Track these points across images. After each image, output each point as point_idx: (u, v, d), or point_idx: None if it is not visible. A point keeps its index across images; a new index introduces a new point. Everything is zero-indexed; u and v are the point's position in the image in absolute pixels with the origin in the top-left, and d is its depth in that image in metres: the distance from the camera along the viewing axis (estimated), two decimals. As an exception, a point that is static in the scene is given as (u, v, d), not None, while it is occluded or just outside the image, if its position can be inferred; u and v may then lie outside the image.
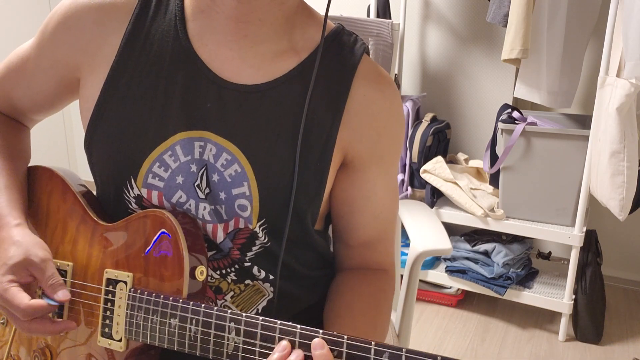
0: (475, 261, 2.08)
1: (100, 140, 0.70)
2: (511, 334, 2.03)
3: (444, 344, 1.96)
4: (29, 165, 0.81)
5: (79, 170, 3.06)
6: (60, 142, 3.01)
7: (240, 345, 0.58)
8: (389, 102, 0.74)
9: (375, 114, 0.72)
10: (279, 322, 0.57)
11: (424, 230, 1.08)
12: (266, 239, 0.71)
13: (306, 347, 0.55)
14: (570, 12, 1.87)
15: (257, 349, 0.58)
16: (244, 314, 0.59)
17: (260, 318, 0.58)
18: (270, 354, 0.56)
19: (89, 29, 0.70)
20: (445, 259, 2.18)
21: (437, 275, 2.15)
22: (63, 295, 0.65)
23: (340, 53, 0.72)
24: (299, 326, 0.56)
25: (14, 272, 0.64)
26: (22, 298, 0.62)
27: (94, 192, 0.78)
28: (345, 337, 0.54)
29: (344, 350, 0.53)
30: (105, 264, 0.68)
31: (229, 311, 0.59)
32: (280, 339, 0.56)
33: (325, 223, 0.82)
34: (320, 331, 0.55)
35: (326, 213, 0.79)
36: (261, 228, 0.70)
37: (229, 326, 0.59)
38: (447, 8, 2.27)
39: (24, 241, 0.66)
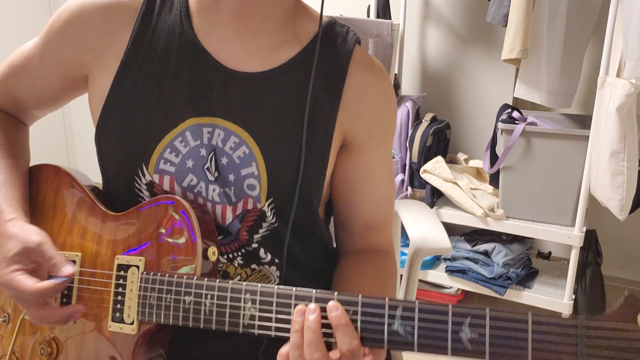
0: (475, 261, 2.08)
1: (111, 132, 0.73)
2: (511, 334, 2.02)
3: (444, 344, 1.96)
4: (35, 164, 0.82)
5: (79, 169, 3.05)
6: (60, 142, 3.01)
7: (257, 314, 0.60)
8: (382, 86, 0.80)
9: (370, 97, 0.78)
10: (294, 288, 0.59)
11: (424, 230, 1.08)
12: (274, 219, 0.74)
13: (323, 311, 0.57)
14: (570, 12, 1.87)
15: (273, 315, 0.59)
16: (260, 285, 0.60)
17: (276, 286, 0.59)
18: (285, 319, 0.58)
19: (97, 28, 0.74)
20: (445, 259, 2.18)
21: (437, 275, 2.15)
22: (68, 269, 0.66)
23: (335, 42, 0.78)
24: (314, 290, 0.58)
25: (16, 262, 0.66)
26: (28, 283, 0.64)
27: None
28: (360, 296, 0.56)
29: (359, 309, 0.55)
30: (116, 250, 0.70)
31: (244, 283, 0.61)
32: (296, 305, 0.58)
33: (326, 215, 0.85)
34: (335, 293, 0.57)
35: (327, 199, 0.83)
36: (269, 207, 0.73)
37: (245, 297, 0.60)
38: (447, 8, 2.27)
39: (18, 232, 0.68)
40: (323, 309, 0.57)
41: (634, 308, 0.49)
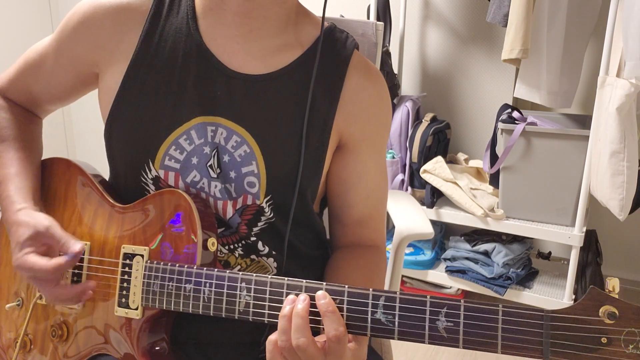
0: (475, 261, 2.08)
1: (120, 127, 0.76)
2: (511, 334, 2.02)
3: (444, 344, 1.96)
4: (49, 157, 0.87)
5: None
6: (60, 141, 3.01)
7: (251, 302, 0.64)
8: (378, 90, 0.83)
9: (366, 100, 0.81)
10: (286, 278, 0.63)
11: (408, 217, 1.14)
12: (271, 215, 0.77)
13: (312, 299, 0.61)
14: (570, 12, 1.87)
15: (266, 303, 0.63)
16: (254, 274, 0.64)
17: (269, 276, 0.64)
18: (277, 306, 0.62)
19: (108, 28, 0.77)
20: (445, 259, 2.18)
21: (437, 275, 2.15)
22: (77, 246, 0.70)
23: (334, 47, 0.81)
24: (304, 281, 0.62)
25: (28, 246, 0.71)
26: (42, 261, 0.69)
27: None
28: (346, 286, 0.61)
29: (345, 298, 0.60)
30: (123, 240, 0.74)
31: (240, 272, 0.65)
32: (287, 294, 0.62)
33: (320, 208, 0.89)
34: (324, 283, 0.61)
35: (322, 196, 0.87)
36: (267, 204, 0.77)
37: (240, 286, 0.65)
38: (447, 8, 2.27)
39: (28, 219, 0.73)
40: (312, 298, 0.61)
41: (597, 302, 0.53)
